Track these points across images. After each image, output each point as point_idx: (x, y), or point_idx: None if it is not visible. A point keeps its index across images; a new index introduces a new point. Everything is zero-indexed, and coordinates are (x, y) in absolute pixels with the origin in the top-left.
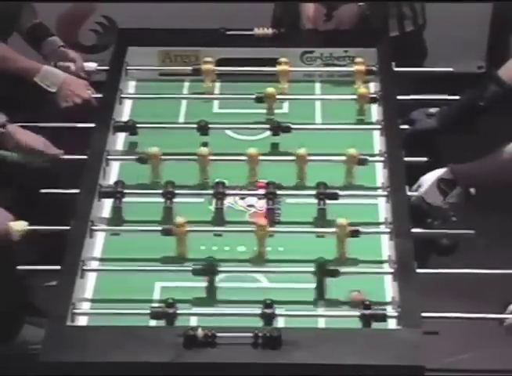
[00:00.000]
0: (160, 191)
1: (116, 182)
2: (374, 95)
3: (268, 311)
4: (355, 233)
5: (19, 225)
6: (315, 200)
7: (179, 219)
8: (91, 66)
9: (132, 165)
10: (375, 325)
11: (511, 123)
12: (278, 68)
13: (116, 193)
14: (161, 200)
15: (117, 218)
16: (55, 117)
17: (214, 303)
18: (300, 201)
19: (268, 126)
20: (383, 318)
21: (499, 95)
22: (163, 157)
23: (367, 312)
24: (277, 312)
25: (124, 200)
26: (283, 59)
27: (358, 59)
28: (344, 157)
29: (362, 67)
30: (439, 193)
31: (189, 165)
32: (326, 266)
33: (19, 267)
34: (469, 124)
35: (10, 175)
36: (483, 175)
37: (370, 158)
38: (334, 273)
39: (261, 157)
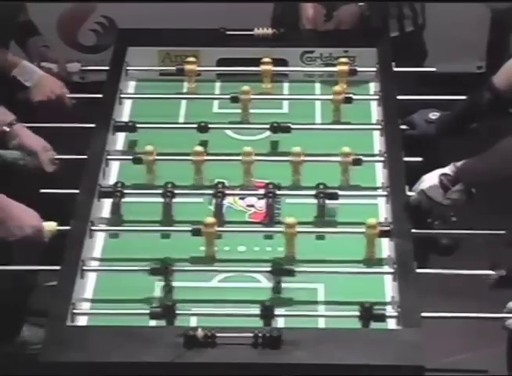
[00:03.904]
0: (160, 191)
1: (116, 183)
2: (349, 96)
3: (267, 312)
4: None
5: (51, 226)
6: (315, 200)
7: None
8: (75, 66)
9: (132, 165)
10: (374, 325)
11: (510, 123)
12: (261, 68)
13: (115, 192)
14: (161, 200)
15: (116, 218)
16: (54, 116)
17: (214, 303)
18: (299, 201)
19: (267, 126)
20: (382, 318)
21: (494, 103)
22: (161, 157)
23: (366, 313)
24: (277, 312)
25: (124, 200)
26: (265, 59)
27: (343, 60)
28: (339, 158)
29: (345, 67)
30: (441, 187)
31: (188, 165)
32: (281, 266)
33: (19, 267)
34: (467, 132)
35: (9, 174)
36: (485, 169)
37: (370, 158)
38: (290, 273)
39: (261, 157)
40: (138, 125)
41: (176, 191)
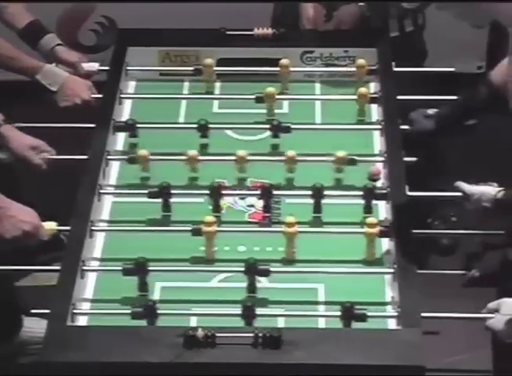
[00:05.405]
0: (160, 191)
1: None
2: (375, 95)
3: (248, 312)
4: None
5: (50, 225)
6: (314, 200)
7: None
8: (93, 66)
9: (132, 165)
10: (372, 325)
11: (510, 122)
12: (280, 70)
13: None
14: (161, 200)
15: (116, 217)
16: (54, 116)
17: (214, 303)
18: (299, 201)
19: (268, 126)
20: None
21: (491, 98)
22: (159, 157)
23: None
24: (277, 312)
25: (124, 200)
26: (284, 61)
27: (361, 61)
28: (332, 158)
29: (364, 68)
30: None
31: (188, 165)
32: (257, 266)
33: (19, 267)
34: (465, 126)
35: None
36: None
37: (370, 158)
38: (265, 273)
39: (261, 157)
40: (138, 125)
41: (176, 191)
